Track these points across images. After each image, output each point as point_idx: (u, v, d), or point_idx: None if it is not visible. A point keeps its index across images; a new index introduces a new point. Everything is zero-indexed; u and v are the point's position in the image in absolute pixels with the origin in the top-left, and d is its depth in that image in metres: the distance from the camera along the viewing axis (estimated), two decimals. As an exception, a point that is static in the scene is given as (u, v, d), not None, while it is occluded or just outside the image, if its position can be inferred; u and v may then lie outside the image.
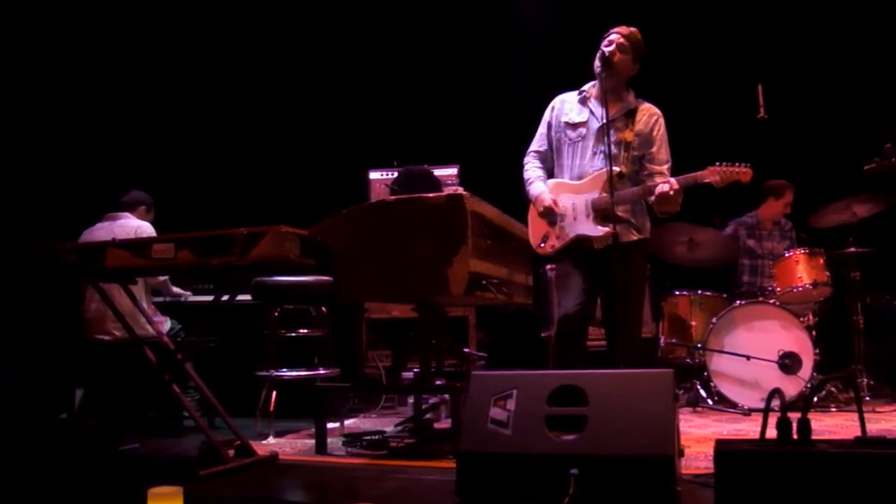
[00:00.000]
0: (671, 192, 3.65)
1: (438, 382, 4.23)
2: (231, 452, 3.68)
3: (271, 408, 4.55)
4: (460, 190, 3.76)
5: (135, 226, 4.94)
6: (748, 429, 4.45)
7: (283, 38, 7.39)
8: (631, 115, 3.86)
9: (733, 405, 5.10)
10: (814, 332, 5.22)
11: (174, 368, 3.85)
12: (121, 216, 5.01)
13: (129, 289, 4.07)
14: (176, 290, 5.44)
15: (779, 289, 5.42)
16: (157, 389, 3.90)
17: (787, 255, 5.49)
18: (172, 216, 5.36)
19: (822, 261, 5.39)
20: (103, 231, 4.82)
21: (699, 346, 5.36)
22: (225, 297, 4.04)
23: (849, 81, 6.44)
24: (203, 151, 7.27)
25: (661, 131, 3.90)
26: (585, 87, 4.00)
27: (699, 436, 4.22)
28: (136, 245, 3.57)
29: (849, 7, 6.47)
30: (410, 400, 5.15)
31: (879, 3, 6.38)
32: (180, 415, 4.85)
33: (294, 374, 4.66)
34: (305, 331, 4.86)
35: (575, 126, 3.94)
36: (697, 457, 3.50)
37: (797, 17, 6.59)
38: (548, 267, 5.66)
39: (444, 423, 4.78)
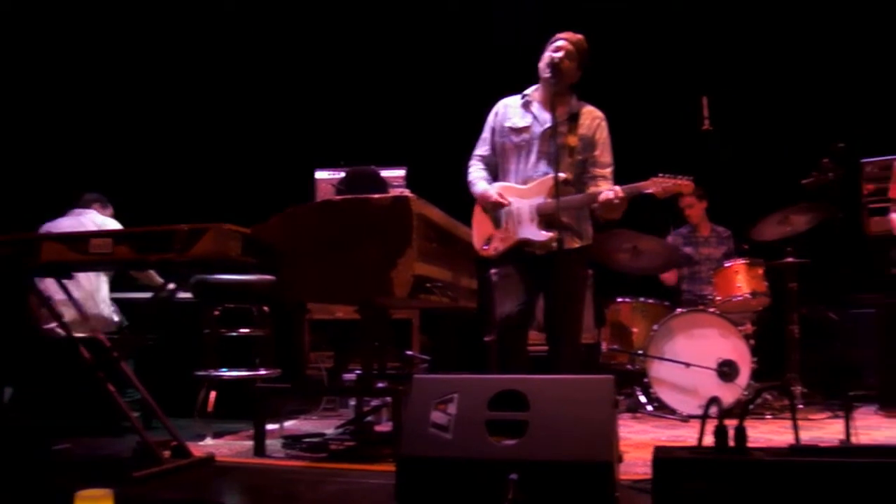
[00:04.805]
0: (615, 201, 3.68)
1: (380, 385, 4.21)
2: (167, 453, 3.61)
3: (210, 408, 4.47)
4: (407, 192, 3.74)
5: (99, 221, 4.81)
6: (686, 435, 4.50)
7: (230, 34, 7.32)
8: (574, 118, 3.88)
9: (672, 412, 5.16)
10: (752, 341, 5.30)
11: (112, 367, 3.77)
12: (87, 212, 4.89)
13: (65, 284, 3.97)
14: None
15: (718, 298, 5.51)
16: (93, 387, 3.79)
17: (727, 264, 5.58)
18: (118, 212, 5.24)
19: (761, 271, 5.49)
20: (68, 225, 4.68)
21: (640, 352, 5.42)
22: (164, 294, 3.96)
23: (790, 96, 6.60)
24: (148, 149, 7.16)
25: (604, 134, 3.92)
26: (528, 91, 4.01)
27: (638, 441, 4.26)
28: (73, 239, 3.47)
29: (791, 24, 6.63)
30: (352, 402, 5.11)
31: (818, 21, 6.56)
32: (118, 414, 4.75)
33: (234, 374, 4.59)
34: (246, 330, 4.79)
35: (518, 131, 3.95)
36: (636, 462, 3.52)
37: (742, 33, 6.73)
38: (492, 271, 5.66)
39: (386, 427, 4.75)
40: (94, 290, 4.77)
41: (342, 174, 5.33)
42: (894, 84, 3.79)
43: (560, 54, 3.80)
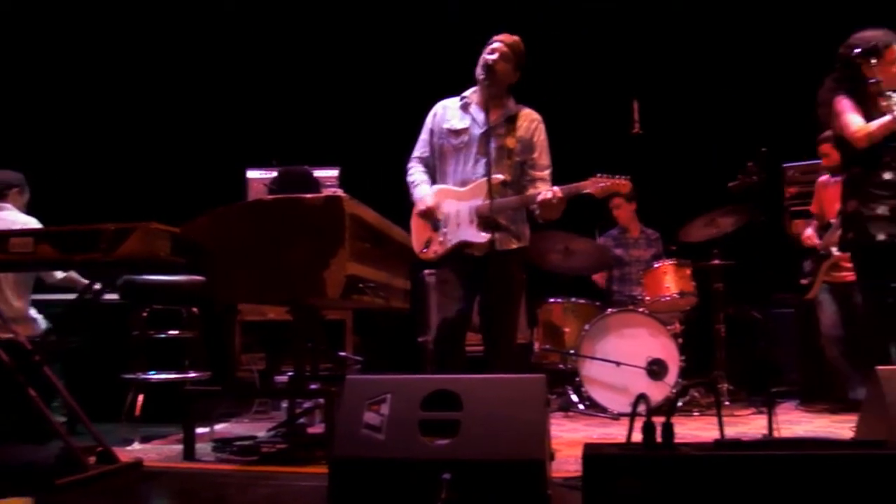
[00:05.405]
0: (554, 201, 3.71)
1: (313, 387, 4.17)
2: (92, 459, 3.51)
3: (137, 412, 4.37)
4: (340, 192, 3.72)
5: (21, 221, 4.61)
6: (617, 432, 4.58)
7: (162, 29, 7.18)
8: (512, 121, 3.90)
9: (603, 410, 5.23)
10: (680, 340, 5.42)
11: (34, 370, 3.65)
12: (2, 207, 4.69)
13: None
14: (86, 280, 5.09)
15: (648, 298, 5.61)
16: (14, 392, 3.66)
17: (656, 265, 5.70)
18: (42, 210, 5.06)
19: (689, 272, 5.63)
20: None
21: (571, 352, 5.48)
22: (89, 295, 3.85)
23: (717, 102, 6.76)
24: (72, 144, 6.97)
25: (541, 137, 3.95)
26: (467, 94, 4.01)
27: (570, 440, 4.31)
28: (-9, 238, 3.35)
29: (718, 33, 6.80)
30: (284, 404, 5.05)
31: (744, 31, 6.75)
32: (41, 420, 4.60)
33: (162, 377, 4.50)
34: (175, 332, 4.69)
35: (457, 133, 3.95)
36: (568, 460, 3.56)
37: (672, 39, 6.88)
38: (426, 272, 5.68)
39: (319, 428, 4.70)
40: (14, 315, 4.56)
41: (274, 173, 5.26)
42: (813, 92, 3.98)
43: (495, 56, 3.82)
